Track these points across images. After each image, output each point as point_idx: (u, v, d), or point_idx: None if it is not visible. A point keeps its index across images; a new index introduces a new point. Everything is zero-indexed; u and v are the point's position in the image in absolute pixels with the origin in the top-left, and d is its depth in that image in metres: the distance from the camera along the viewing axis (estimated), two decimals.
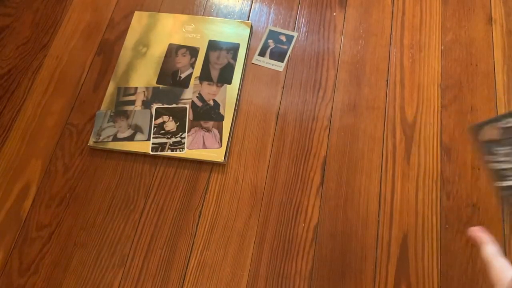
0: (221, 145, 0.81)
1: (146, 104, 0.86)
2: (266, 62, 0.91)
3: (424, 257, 0.73)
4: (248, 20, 0.95)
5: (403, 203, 0.77)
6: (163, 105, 0.86)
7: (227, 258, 0.74)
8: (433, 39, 0.91)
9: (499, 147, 0.20)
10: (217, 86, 0.87)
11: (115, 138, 0.83)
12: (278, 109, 0.86)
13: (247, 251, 0.74)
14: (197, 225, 0.77)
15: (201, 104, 0.86)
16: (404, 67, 0.89)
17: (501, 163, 0.20)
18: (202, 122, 0.84)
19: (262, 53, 0.92)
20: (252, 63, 0.91)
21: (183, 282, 0.73)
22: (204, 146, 0.82)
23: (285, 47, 0.92)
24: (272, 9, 0.97)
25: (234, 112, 0.85)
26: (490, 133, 0.21)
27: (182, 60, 0.90)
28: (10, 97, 0.89)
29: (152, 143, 0.82)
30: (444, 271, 0.72)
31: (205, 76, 0.89)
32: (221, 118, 0.84)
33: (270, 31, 0.94)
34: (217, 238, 0.76)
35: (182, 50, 0.91)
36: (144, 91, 0.88)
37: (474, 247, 0.74)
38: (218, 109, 0.85)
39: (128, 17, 0.96)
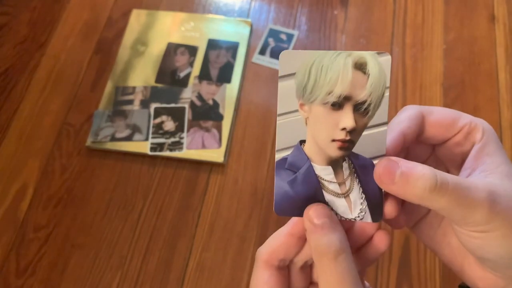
0: (221, 145, 0.81)
1: (145, 104, 0.85)
2: (267, 61, 0.90)
3: (426, 259, 0.72)
4: (248, 18, 0.94)
5: None
6: (161, 104, 0.85)
7: (226, 259, 0.73)
8: (435, 38, 0.90)
9: None
10: (217, 85, 0.86)
11: (113, 138, 0.82)
12: None
13: (246, 252, 0.74)
14: (196, 226, 0.76)
15: (200, 103, 0.85)
16: (406, 66, 0.88)
17: None
18: (201, 122, 0.83)
19: (262, 52, 0.91)
20: (252, 62, 0.90)
21: (182, 283, 0.72)
22: (204, 146, 0.81)
23: (286, 45, 0.91)
24: (272, 7, 0.96)
25: (233, 112, 0.84)
26: None
27: (181, 59, 0.89)
28: (7, 96, 0.88)
29: (151, 143, 0.81)
30: (446, 273, 0.71)
31: (204, 75, 0.87)
32: (220, 117, 0.83)
33: (271, 29, 0.93)
34: (216, 240, 0.75)
35: (181, 49, 0.90)
36: (142, 91, 0.87)
37: None
38: (218, 108, 0.84)
39: (126, 15, 0.95)
